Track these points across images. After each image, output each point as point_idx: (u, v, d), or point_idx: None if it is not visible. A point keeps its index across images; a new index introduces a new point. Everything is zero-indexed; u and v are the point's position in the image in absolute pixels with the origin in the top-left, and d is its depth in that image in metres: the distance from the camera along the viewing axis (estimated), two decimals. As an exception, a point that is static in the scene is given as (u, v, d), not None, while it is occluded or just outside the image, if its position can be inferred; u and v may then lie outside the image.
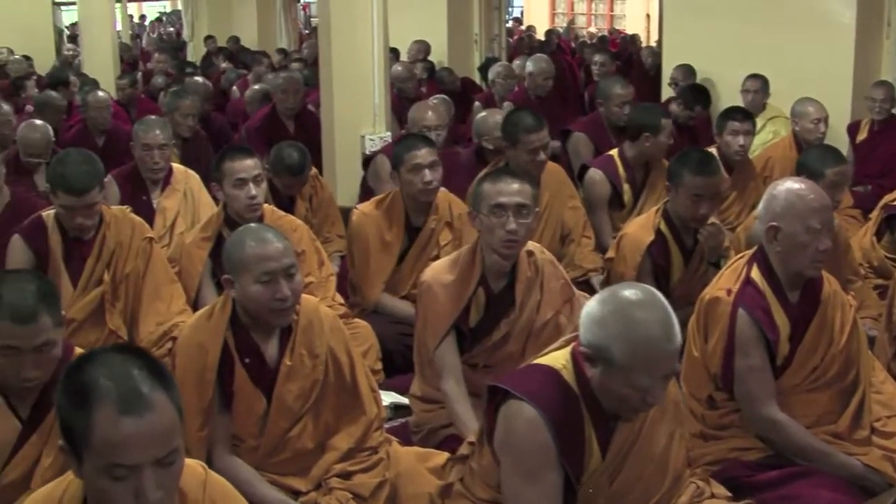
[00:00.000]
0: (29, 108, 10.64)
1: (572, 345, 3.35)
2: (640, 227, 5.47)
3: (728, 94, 9.28)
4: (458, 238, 5.67)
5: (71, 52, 16.60)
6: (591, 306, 3.19)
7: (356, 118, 8.29)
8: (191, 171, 6.73)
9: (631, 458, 3.35)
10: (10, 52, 15.91)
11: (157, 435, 2.34)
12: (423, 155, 5.69)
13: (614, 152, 6.84)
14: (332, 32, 8.30)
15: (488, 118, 7.24)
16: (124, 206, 5.60)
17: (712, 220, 5.43)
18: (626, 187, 6.72)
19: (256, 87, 10.83)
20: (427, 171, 5.66)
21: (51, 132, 7.46)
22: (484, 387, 4.33)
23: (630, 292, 3.17)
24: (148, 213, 6.14)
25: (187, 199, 6.53)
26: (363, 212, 5.87)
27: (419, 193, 5.70)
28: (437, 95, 9.36)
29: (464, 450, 3.76)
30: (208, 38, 18.40)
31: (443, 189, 5.87)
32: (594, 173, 6.70)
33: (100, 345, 5.11)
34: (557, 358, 3.36)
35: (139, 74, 13.20)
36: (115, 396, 2.33)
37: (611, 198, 6.71)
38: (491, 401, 3.40)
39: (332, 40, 8.31)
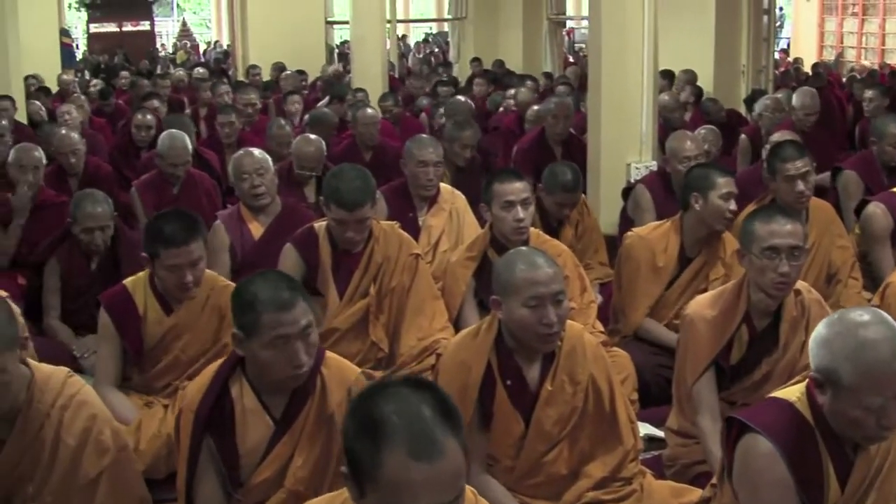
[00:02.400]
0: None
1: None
2: None
3: None
4: (728, 275, 5.55)
5: (337, 70, 17.10)
6: (818, 331, 3.12)
7: (623, 146, 8.28)
8: (457, 192, 6.79)
9: (873, 495, 3.23)
10: (283, 67, 16.44)
11: (445, 481, 2.33)
12: (733, 184, 5.62)
13: (897, 189, 6.58)
14: (603, 59, 8.33)
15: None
16: (393, 222, 5.72)
17: None
18: (906, 225, 6.45)
19: (535, 108, 10.79)
20: (733, 201, 5.59)
21: (324, 147, 7.66)
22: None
23: (857, 314, 3.09)
24: (413, 231, 6.20)
25: (453, 218, 6.60)
26: (639, 234, 5.81)
27: (719, 221, 5.60)
28: (704, 126, 9.24)
29: (706, 492, 3.71)
30: (474, 60, 18.67)
31: None
32: (875, 206, 6.44)
33: (361, 355, 5.28)
34: (793, 391, 3.29)
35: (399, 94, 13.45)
36: (407, 439, 2.31)
37: (891, 234, 6.46)
38: (729, 435, 3.35)
39: (601, 67, 8.34)
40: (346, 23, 17.11)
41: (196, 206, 7.17)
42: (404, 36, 32.41)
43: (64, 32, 22.24)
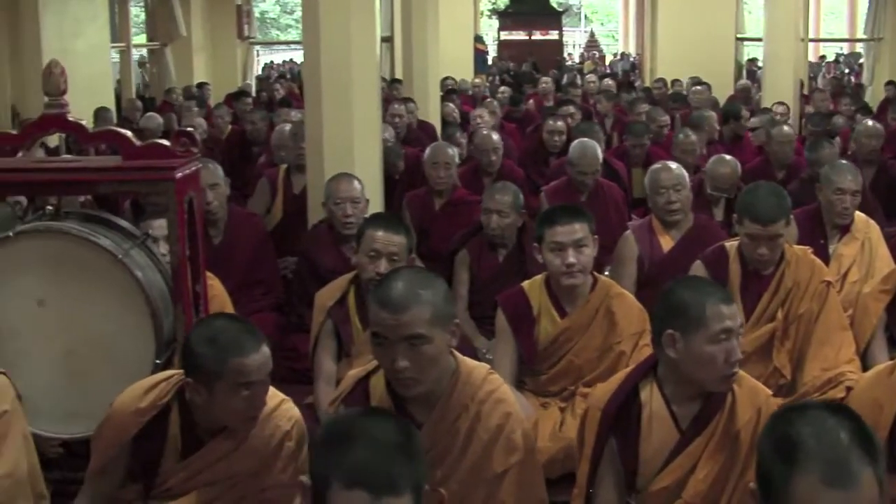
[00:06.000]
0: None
1: None
2: None
3: None
4: None
5: (745, 85, 16.92)
6: None
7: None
8: (871, 221, 6.57)
9: None
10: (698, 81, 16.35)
11: None
12: None
13: None
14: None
15: None
16: (805, 247, 5.60)
17: None
18: None
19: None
20: None
21: (739, 168, 7.57)
22: None
23: None
24: (823, 258, 5.99)
25: (865, 248, 6.38)
26: None
27: None
28: None
29: None
30: (888, 83, 17.93)
31: None
32: None
33: (762, 380, 5.18)
34: None
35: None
36: (822, 465, 2.31)
37: None
38: None
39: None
40: (757, 39, 16.93)
41: (603, 216, 7.27)
42: (823, 56, 31.59)
43: (478, 39, 23.03)
